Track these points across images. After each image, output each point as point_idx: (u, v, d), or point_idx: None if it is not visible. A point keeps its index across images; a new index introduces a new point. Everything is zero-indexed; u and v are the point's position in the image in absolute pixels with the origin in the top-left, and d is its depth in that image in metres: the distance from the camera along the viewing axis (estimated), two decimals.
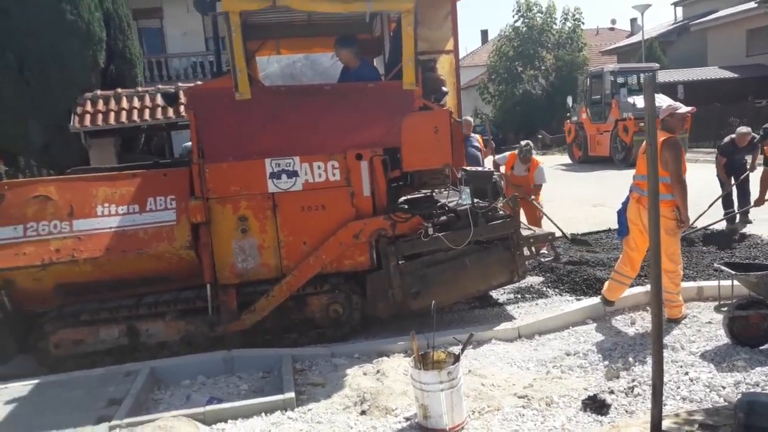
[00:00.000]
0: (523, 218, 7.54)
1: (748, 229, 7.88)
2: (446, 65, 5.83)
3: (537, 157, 8.01)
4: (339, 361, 4.75)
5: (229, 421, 3.80)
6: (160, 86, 13.55)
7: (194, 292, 5.22)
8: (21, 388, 4.45)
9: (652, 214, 2.53)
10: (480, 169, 5.61)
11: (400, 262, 5.20)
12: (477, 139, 9.25)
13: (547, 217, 7.57)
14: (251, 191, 5.08)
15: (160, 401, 4.29)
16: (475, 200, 5.20)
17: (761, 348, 4.15)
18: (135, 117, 12.11)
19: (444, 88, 5.47)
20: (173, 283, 5.28)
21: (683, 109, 4.99)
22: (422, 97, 5.19)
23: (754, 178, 8.03)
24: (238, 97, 4.90)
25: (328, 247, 5.15)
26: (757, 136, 7.91)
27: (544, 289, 6.35)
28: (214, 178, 5.01)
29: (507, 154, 8.24)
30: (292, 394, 3.95)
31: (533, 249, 5.81)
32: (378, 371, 4.27)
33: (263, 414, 3.84)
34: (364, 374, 4.30)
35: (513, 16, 33.77)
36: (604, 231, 8.61)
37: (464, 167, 5.34)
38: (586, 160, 19.98)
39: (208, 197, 5.02)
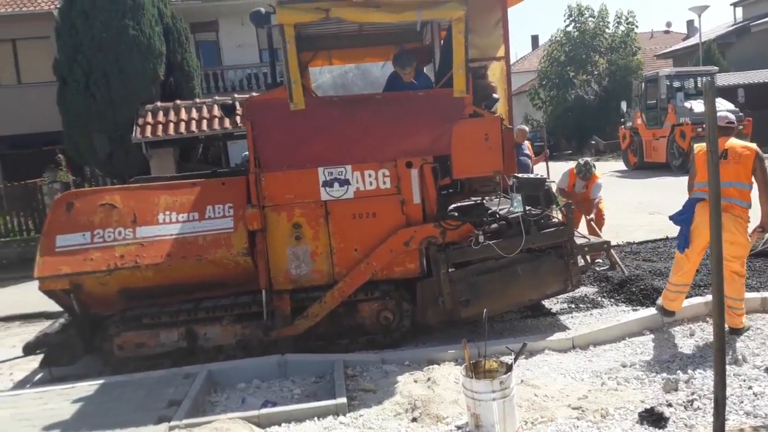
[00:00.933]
0: (583, 228, 7.43)
1: None
2: (497, 72, 5.81)
3: (596, 171, 7.82)
4: (389, 367, 4.78)
5: (283, 424, 3.88)
6: (217, 98, 13.95)
7: (250, 297, 5.36)
8: (87, 387, 4.67)
9: (714, 220, 2.47)
10: (532, 176, 5.55)
11: (450, 270, 5.20)
12: (527, 147, 9.16)
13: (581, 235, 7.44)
14: (305, 199, 5.20)
15: (217, 403, 4.42)
16: (528, 208, 5.15)
17: None
18: (193, 127, 12.51)
19: (495, 95, 5.45)
20: (230, 288, 5.44)
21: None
22: (473, 104, 5.20)
23: None
24: (293, 107, 5.04)
25: (379, 254, 5.21)
26: None
27: (599, 299, 6.23)
28: (270, 187, 5.15)
29: (567, 173, 8.03)
30: (344, 399, 4.01)
31: (588, 258, 5.69)
32: (429, 379, 4.28)
33: (316, 418, 3.91)
34: (415, 381, 4.32)
35: (564, 21, 33.25)
36: (661, 240, 8.36)
37: (516, 174, 5.30)
38: (641, 167, 19.46)
39: (264, 205, 5.16)
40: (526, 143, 9.13)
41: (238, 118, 11.04)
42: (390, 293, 5.40)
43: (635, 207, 11.74)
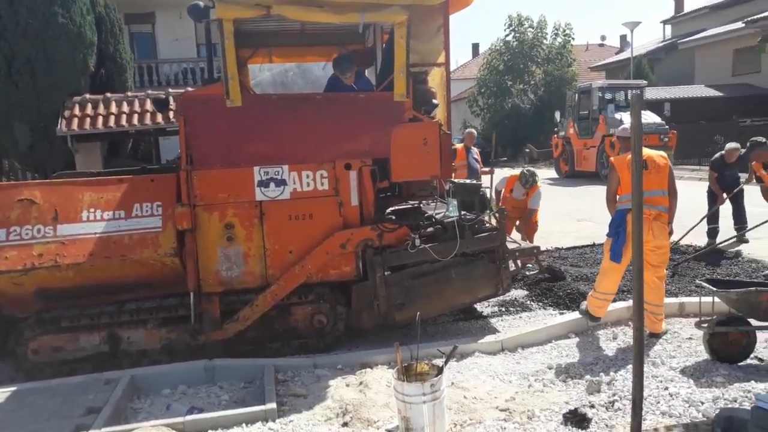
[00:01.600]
0: (516, 234, 7.61)
1: (729, 247, 7.97)
2: (437, 78, 5.86)
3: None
4: (322, 372, 4.73)
5: (210, 431, 3.76)
6: (150, 91, 13.45)
7: (177, 300, 5.18)
8: None
9: (636, 228, 2.56)
10: (467, 181, 5.63)
11: (385, 273, 5.20)
12: (476, 152, 9.34)
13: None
14: (239, 199, 5.07)
15: (140, 410, 4.25)
16: (463, 213, 5.22)
17: (740, 364, 4.20)
18: (123, 122, 12.02)
19: (434, 100, 5.50)
20: (156, 289, 5.24)
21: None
22: (412, 109, 5.23)
23: (750, 195, 8.14)
24: (229, 104, 4.91)
25: (315, 257, 5.15)
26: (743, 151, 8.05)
27: (528, 302, 6.38)
28: (202, 185, 5.00)
29: (506, 177, 8.22)
30: (273, 405, 3.93)
31: (518, 263, 5.83)
32: (361, 383, 4.26)
33: (244, 425, 3.81)
34: (347, 385, 4.29)
35: (504, 30, 34.04)
36: (588, 246, 8.67)
37: (452, 179, 5.36)
38: (572, 175, 20.15)
39: (195, 204, 5.00)
40: (475, 149, 9.33)
41: (171, 113, 10.69)
42: (324, 296, 5.34)
43: (565, 214, 12.12)
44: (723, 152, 8.25)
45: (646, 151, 4.97)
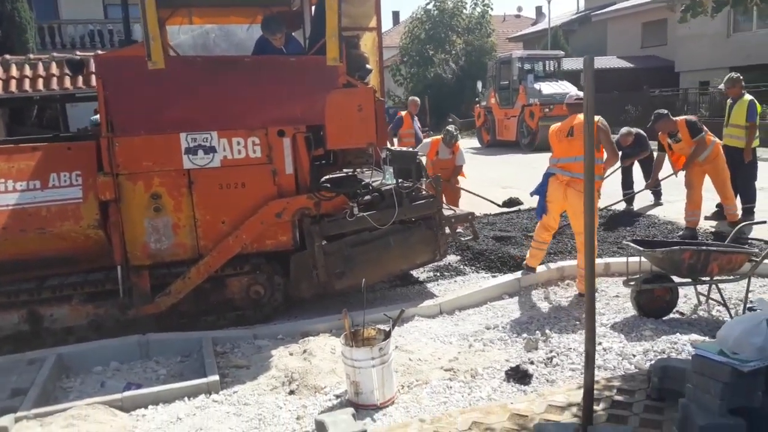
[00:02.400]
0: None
1: (648, 210, 8.43)
2: (369, 43, 5.77)
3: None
4: (262, 342, 4.65)
5: (150, 407, 3.61)
6: (55, 54, 12.49)
7: (103, 274, 4.95)
8: None
9: (588, 191, 2.63)
10: (403, 149, 5.63)
11: (323, 242, 5.14)
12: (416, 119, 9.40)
13: (475, 194, 7.79)
14: (165, 167, 4.84)
15: (70, 389, 4.03)
16: (400, 180, 5.21)
17: (664, 318, 4.47)
18: (26, 86, 11.12)
19: (368, 66, 5.41)
20: (79, 264, 4.96)
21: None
22: (346, 74, 5.12)
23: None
24: (151, 66, 4.63)
25: (249, 227, 5.01)
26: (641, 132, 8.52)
27: (462, 267, 6.52)
28: (125, 153, 4.73)
29: (428, 141, 8.36)
30: (216, 377, 3.82)
31: (454, 228, 5.92)
32: (305, 351, 4.21)
33: (186, 398, 3.69)
34: (290, 354, 4.24)
35: None
36: (514, 211, 8.94)
37: (389, 147, 5.34)
38: (494, 144, 20.62)
39: (118, 173, 4.74)
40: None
41: (82, 77, 9.98)
42: (261, 267, 5.22)
43: (490, 182, 12.38)
44: (617, 137, 8.65)
45: (578, 118, 5.11)
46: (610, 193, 8.29)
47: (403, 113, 10.14)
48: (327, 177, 5.55)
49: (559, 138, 5.32)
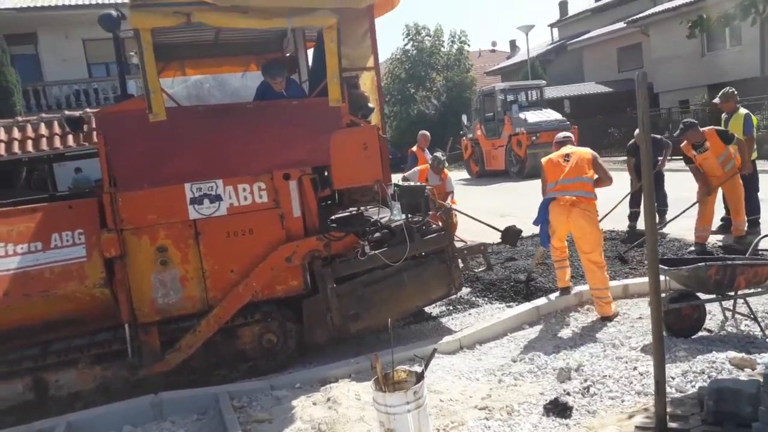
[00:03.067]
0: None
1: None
2: (368, 82, 5.76)
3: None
4: (280, 393, 4.45)
5: None
6: (43, 115, 12.41)
7: (110, 334, 4.78)
8: None
9: (648, 205, 2.57)
10: (412, 183, 5.57)
11: (335, 284, 5.00)
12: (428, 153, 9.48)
13: (478, 220, 7.73)
14: (170, 219, 4.74)
15: None
16: (409, 215, 5.13)
17: (694, 337, 4.36)
18: (15, 149, 11.02)
19: (370, 104, 5.39)
20: (84, 326, 4.79)
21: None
22: (349, 114, 5.08)
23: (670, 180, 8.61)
24: (152, 118, 4.55)
25: (259, 273, 4.88)
26: (659, 137, 8.51)
27: (474, 299, 6.40)
28: (129, 207, 4.62)
29: (416, 169, 8.43)
30: None
31: (466, 260, 5.81)
32: (329, 399, 4.03)
33: None
34: (314, 404, 4.05)
35: (403, 39, 34.74)
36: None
37: (397, 183, 5.28)
38: (483, 174, 20.73)
39: (123, 228, 4.61)
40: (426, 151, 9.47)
41: (80, 134, 9.86)
42: (272, 314, 5.08)
43: (487, 211, 12.32)
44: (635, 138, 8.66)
45: (572, 148, 5.42)
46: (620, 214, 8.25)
47: (414, 149, 10.26)
48: (334, 216, 5.46)
49: (556, 164, 5.43)
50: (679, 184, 8.44)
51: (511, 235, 6.53)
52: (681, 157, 7.24)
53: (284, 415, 4.00)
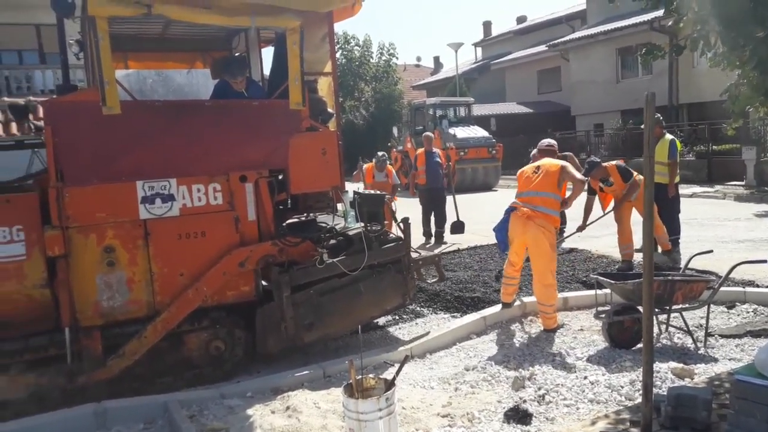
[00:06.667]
0: None
1: (576, 245, 8.82)
2: (325, 87, 5.76)
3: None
4: (232, 402, 4.32)
5: None
6: (5, 98, 11.34)
7: (46, 338, 4.45)
8: None
9: (647, 219, 2.72)
10: (371, 192, 5.59)
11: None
12: (439, 154, 9.69)
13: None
14: (120, 218, 4.52)
15: None
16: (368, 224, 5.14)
17: (633, 349, 4.64)
18: None
19: (329, 110, 5.38)
20: (18, 329, 4.44)
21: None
22: (309, 118, 5.06)
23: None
24: (106, 112, 4.33)
25: (211, 278, 4.75)
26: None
27: (419, 309, 6.48)
28: (76, 204, 4.37)
29: (362, 171, 8.92)
30: None
31: (420, 271, 5.89)
32: (288, 407, 3.97)
33: None
34: (272, 413, 3.97)
35: None
36: (455, 251, 9.09)
37: (356, 191, 5.29)
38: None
39: (68, 226, 4.35)
40: (438, 151, 10.28)
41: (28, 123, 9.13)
42: (221, 320, 4.94)
43: (419, 223, 12.57)
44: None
45: (545, 161, 5.62)
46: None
47: (420, 151, 10.47)
48: (287, 222, 5.39)
49: (527, 176, 5.58)
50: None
51: (457, 227, 8.36)
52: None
53: (241, 423, 3.89)
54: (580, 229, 8.20)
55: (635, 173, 7.29)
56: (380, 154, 9.70)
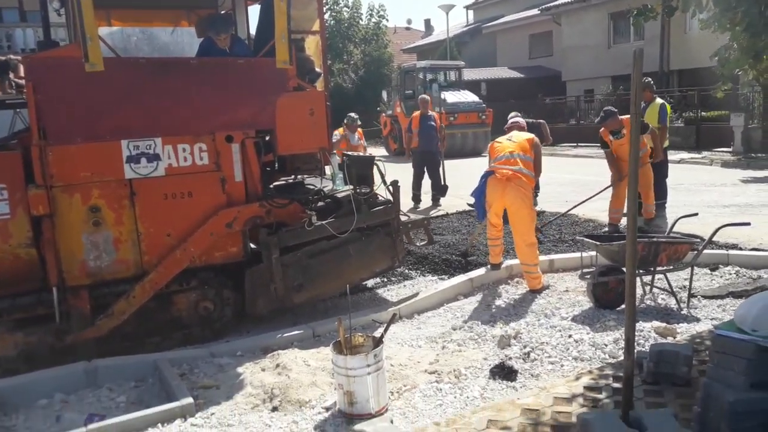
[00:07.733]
0: None
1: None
2: (312, 46, 5.66)
3: None
4: (222, 360, 4.37)
5: None
6: None
7: (34, 298, 4.45)
8: None
9: (632, 179, 2.73)
10: (361, 154, 5.56)
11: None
12: (435, 118, 9.62)
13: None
14: (105, 177, 4.48)
15: (13, 428, 3.58)
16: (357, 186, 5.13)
17: (618, 309, 4.71)
18: None
19: (317, 69, 5.30)
20: (5, 288, 4.43)
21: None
22: (296, 77, 4.99)
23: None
24: (89, 68, 4.22)
25: (198, 239, 4.73)
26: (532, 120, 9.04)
27: (407, 271, 6.53)
28: (60, 163, 4.31)
29: (336, 135, 8.90)
30: (189, 400, 3.54)
31: (410, 234, 5.90)
32: (278, 365, 4.02)
33: (160, 425, 3.38)
34: (263, 370, 4.02)
35: None
36: (442, 215, 9.12)
37: (347, 152, 5.26)
38: (401, 152, 20.85)
39: (52, 185, 4.30)
40: (434, 114, 10.40)
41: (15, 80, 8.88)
42: (209, 281, 4.95)
43: (408, 188, 12.56)
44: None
45: (517, 133, 5.82)
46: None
47: (416, 114, 10.44)
48: (275, 184, 5.36)
49: (501, 142, 5.66)
50: (592, 169, 8.99)
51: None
52: (598, 144, 7.72)
53: (231, 381, 3.94)
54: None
55: (649, 123, 7.28)
56: (353, 114, 9.76)
